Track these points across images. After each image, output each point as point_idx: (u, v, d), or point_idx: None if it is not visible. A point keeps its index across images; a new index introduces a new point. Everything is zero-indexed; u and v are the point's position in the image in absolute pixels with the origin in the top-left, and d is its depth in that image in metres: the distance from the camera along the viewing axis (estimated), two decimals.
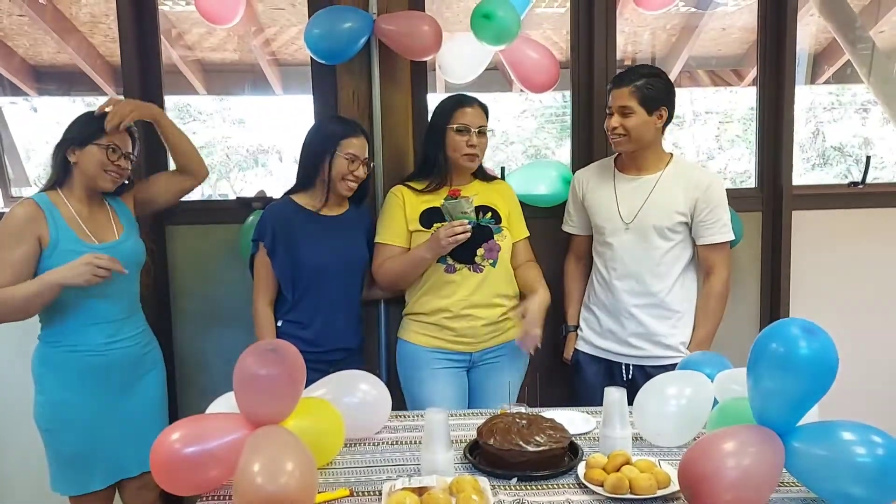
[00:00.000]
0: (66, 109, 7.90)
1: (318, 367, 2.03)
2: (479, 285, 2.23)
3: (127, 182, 2.18)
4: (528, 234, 2.40)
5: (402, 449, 1.75)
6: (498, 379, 2.26)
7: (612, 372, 2.33)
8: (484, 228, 2.25)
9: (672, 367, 2.18)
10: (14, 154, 5.15)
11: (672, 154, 2.31)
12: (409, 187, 2.30)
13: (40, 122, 7.66)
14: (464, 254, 2.18)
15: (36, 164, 7.89)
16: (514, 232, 2.35)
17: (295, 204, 2.23)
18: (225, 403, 1.66)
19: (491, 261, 2.25)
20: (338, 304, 2.24)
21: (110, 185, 2.10)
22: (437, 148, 2.25)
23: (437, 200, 2.24)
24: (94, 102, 7.94)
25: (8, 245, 1.98)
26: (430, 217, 2.24)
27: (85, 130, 2.07)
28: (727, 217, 2.26)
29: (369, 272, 2.33)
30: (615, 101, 2.19)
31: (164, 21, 4.14)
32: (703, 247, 2.26)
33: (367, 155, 2.22)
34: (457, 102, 2.24)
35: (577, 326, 2.43)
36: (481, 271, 2.24)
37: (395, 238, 2.28)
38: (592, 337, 2.37)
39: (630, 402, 1.71)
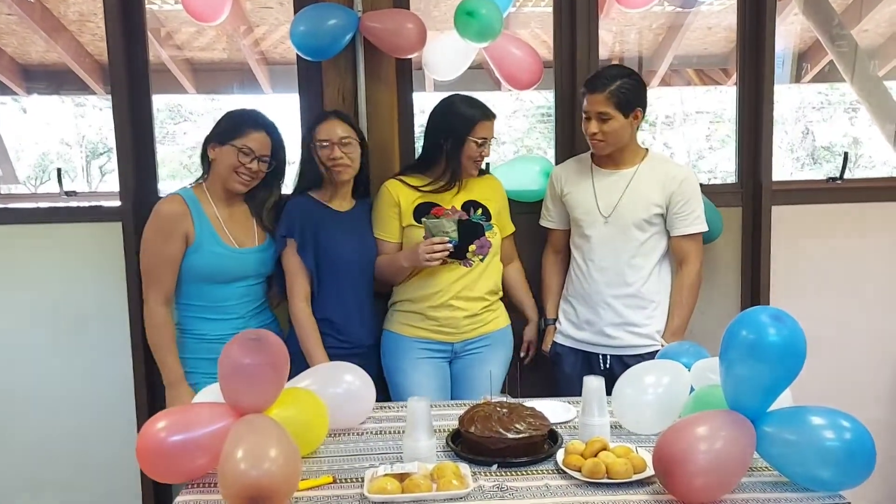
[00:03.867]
0: (56, 108, 7.90)
1: (350, 360, 2.03)
2: (465, 278, 2.28)
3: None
4: (514, 230, 2.46)
5: (385, 438, 1.78)
6: (480, 370, 2.29)
7: (590, 363, 2.37)
8: (476, 225, 2.29)
9: (648, 355, 2.24)
10: (3, 153, 5.15)
11: (647, 149, 2.36)
12: (403, 182, 2.32)
13: (30, 122, 7.64)
14: (456, 251, 2.20)
15: (26, 164, 7.88)
16: (501, 228, 2.39)
17: (311, 198, 2.27)
18: (211, 393, 1.69)
19: (481, 257, 2.30)
20: (358, 298, 2.29)
21: (240, 188, 2.12)
22: (453, 153, 2.25)
23: (437, 198, 2.28)
24: (83, 102, 7.95)
25: (163, 241, 2.04)
26: (425, 212, 2.26)
27: (226, 128, 2.10)
28: (701, 209, 2.32)
29: None
30: (592, 107, 2.23)
31: (153, 20, 4.16)
32: (677, 238, 2.32)
33: (341, 136, 2.19)
34: (481, 115, 2.24)
35: (556, 319, 2.47)
36: (471, 266, 2.28)
37: (386, 234, 2.31)
38: (570, 329, 2.41)
39: (609, 392, 1.74)
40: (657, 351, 2.27)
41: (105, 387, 2.64)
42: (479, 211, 2.32)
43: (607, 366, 2.33)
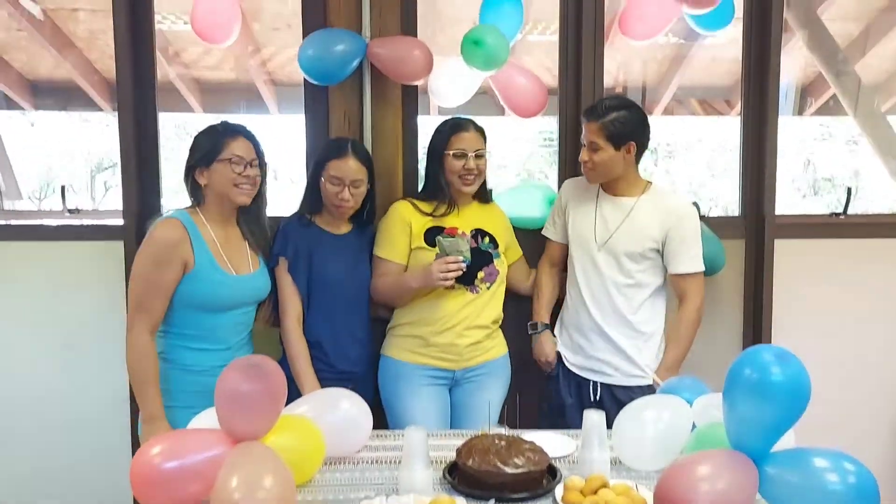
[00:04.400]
0: (63, 124, 7.94)
1: (341, 386, 2.02)
2: (470, 305, 2.27)
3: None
4: (521, 253, 2.49)
5: (381, 468, 1.75)
6: (480, 397, 2.27)
7: (580, 390, 2.35)
8: (484, 253, 2.29)
9: (639, 389, 2.24)
10: (7, 168, 5.16)
11: (649, 182, 2.34)
12: (414, 205, 2.32)
13: (37, 137, 7.68)
14: (465, 275, 2.20)
15: (31, 177, 7.90)
16: (510, 253, 2.41)
17: (308, 220, 2.26)
18: (207, 419, 1.67)
19: (488, 284, 2.29)
20: (349, 322, 2.26)
21: (245, 199, 2.04)
22: (436, 173, 2.29)
23: (442, 222, 2.29)
24: (89, 118, 7.99)
25: (157, 268, 1.94)
26: (435, 236, 2.24)
27: (205, 149, 2.02)
28: (698, 248, 2.29)
29: None
30: (586, 135, 2.25)
31: (161, 39, 4.19)
32: (675, 275, 2.30)
33: (354, 177, 2.19)
34: (453, 127, 2.27)
35: (547, 325, 2.45)
36: (477, 293, 2.27)
37: (394, 254, 2.29)
38: (566, 352, 2.39)
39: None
40: (649, 386, 2.27)
41: (101, 408, 2.62)
42: (487, 239, 2.32)
43: (597, 397, 2.31)
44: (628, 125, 2.21)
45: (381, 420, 2.29)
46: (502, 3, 2.41)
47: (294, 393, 2.02)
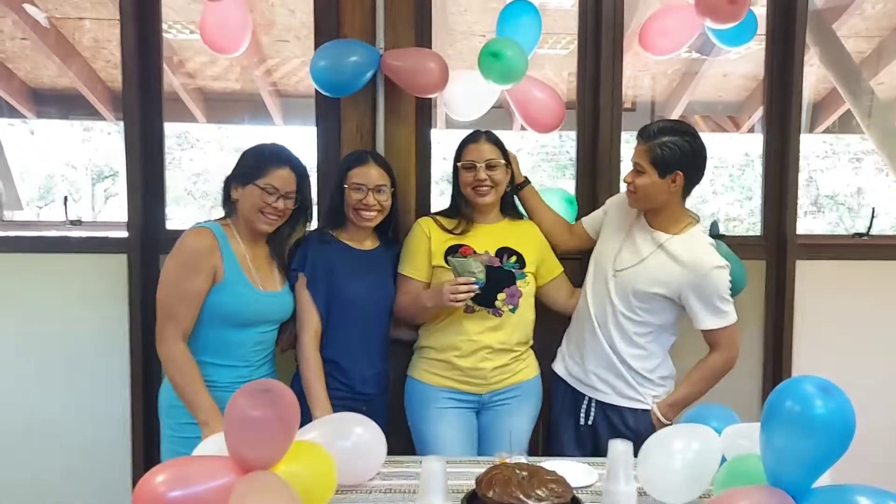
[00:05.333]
0: (65, 133, 7.90)
1: (352, 406, 2.01)
2: (495, 329, 2.19)
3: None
4: (562, 269, 2.38)
5: (394, 498, 1.68)
6: (509, 422, 2.20)
7: (576, 401, 2.25)
8: (507, 273, 2.21)
9: (630, 412, 2.16)
10: (7, 176, 5.11)
11: (694, 222, 2.16)
12: (436, 221, 2.27)
13: (37, 144, 7.64)
14: (484, 297, 2.13)
15: (31, 185, 7.86)
16: (547, 269, 2.32)
17: (330, 235, 2.20)
18: (214, 445, 1.59)
19: (511, 307, 2.20)
20: (367, 342, 2.19)
21: (266, 228, 2.02)
22: (456, 186, 2.27)
23: (463, 239, 2.23)
24: (91, 126, 7.96)
25: (187, 276, 1.91)
26: (452, 253, 2.20)
27: (248, 167, 2.01)
28: (725, 304, 2.11)
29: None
30: (634, 156, 2.11)
31: (166, 48, 4.16)
32: (704, 330, 2.14)
33: (377, 182, 2.15)
34: (465, 140, 2.25)
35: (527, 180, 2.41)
36: (500, 315, 2.20)
37: (415, 271, 2.25)
38: (565, 359, 2.31)
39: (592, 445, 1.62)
40: (644, 410, 2.18)
41: (101, 427, 2.55)
42: (514, 258, 2.23)
43: (590, 419, 2.21)
44: (678, 152, 2.04)
45: (399, 442, 2.21)
46: (520, 16, 2.35)
47: (305, 411, 1.98)
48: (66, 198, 2.81)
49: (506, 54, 2.22)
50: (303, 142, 2.71)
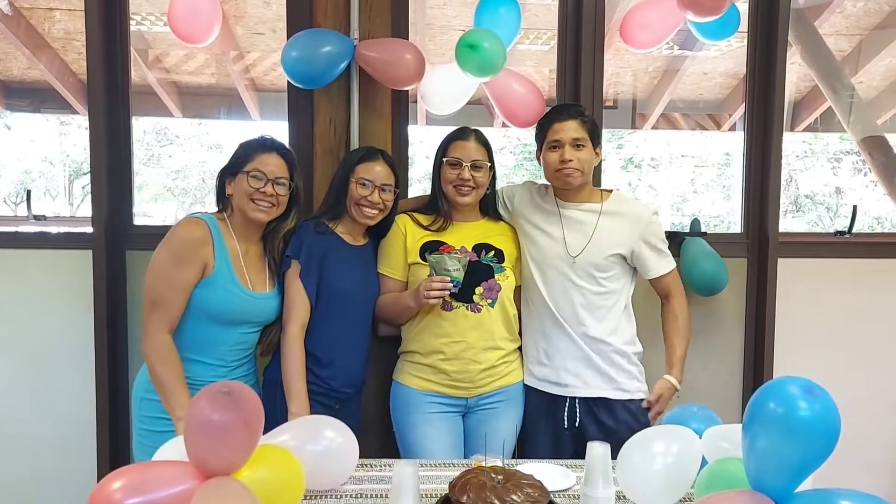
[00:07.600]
0: (41, 127, 7.75)
1: (326, 403, 2.01)
2: (476, 326, 2.14)
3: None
4: None
5: (366, 502, 1.62)
6: (496, 425, 2.15)
7: (553, 406, 2.20)
8: (485, 266, 2.16)
9: (617, 403, 2.15)
10: None
11: (605, 189, 2.26)
12: (413, 218, 2.23)
13: (13, 139, 7.48)
14: (462, 292, 2.08)
15: (7, 181, 7.69)
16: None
17: (325, 225, 2.15)
18: (173, 450, 1.52)
19: (490, 300, 2.16)
20: (349, 339, 2.14)
21: (261, 216, 1.97)
22: (436, 183, 2.22)
23: (445, 237, 2.18)
24: (67, 120, 7.82)
25: (177, 265, 1.86)
26: (432, 251, 2.16)
27: (236, 157, 1.98)
28: (668, 248, 2.23)
29: None
30: (567, 134, 2.13)
31: (141, 42, 4.05)
32: (655, 278, 2.21)
33: (384, 181, 2.12)
34: (453, 135, 2.20)
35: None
36: (479, 311, 2.14)
37: (392, 270, 2.21)
38: (533, 366, 2.24)
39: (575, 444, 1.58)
40: (631, 400, 2.16)
41: (65, 428, 2.47)
42: (492, 253, 2.19)
43: (576, 422, 2.16)
44: (597, 127, 2.20)
45: (372, 444, 2.16)
46: (499, 6, 2.29)
47: (280, 401, 1.99)
48: (28, 192, 2.71)
49: (483, 46, 2.16)
50: (279, 137, 2.65)
